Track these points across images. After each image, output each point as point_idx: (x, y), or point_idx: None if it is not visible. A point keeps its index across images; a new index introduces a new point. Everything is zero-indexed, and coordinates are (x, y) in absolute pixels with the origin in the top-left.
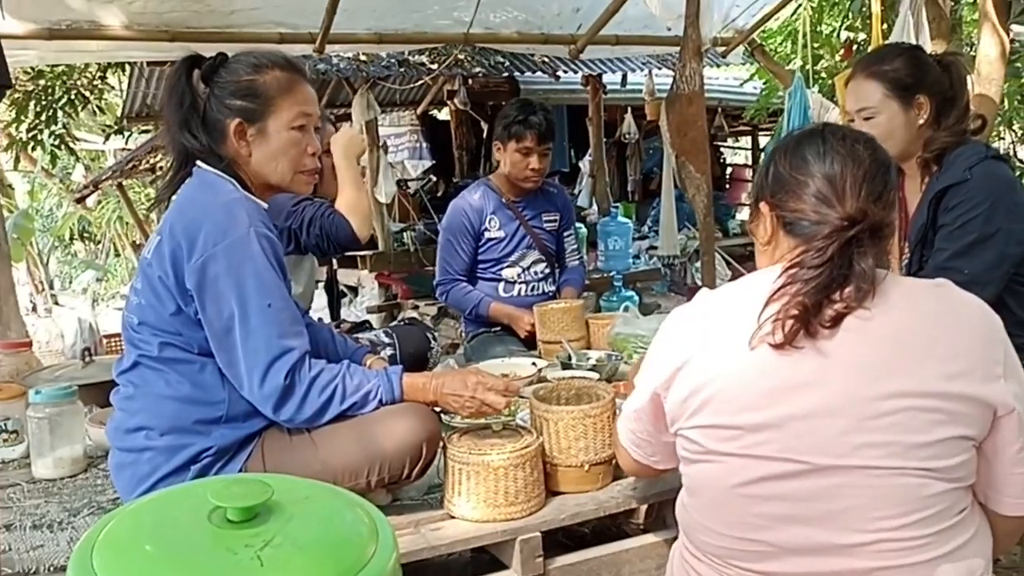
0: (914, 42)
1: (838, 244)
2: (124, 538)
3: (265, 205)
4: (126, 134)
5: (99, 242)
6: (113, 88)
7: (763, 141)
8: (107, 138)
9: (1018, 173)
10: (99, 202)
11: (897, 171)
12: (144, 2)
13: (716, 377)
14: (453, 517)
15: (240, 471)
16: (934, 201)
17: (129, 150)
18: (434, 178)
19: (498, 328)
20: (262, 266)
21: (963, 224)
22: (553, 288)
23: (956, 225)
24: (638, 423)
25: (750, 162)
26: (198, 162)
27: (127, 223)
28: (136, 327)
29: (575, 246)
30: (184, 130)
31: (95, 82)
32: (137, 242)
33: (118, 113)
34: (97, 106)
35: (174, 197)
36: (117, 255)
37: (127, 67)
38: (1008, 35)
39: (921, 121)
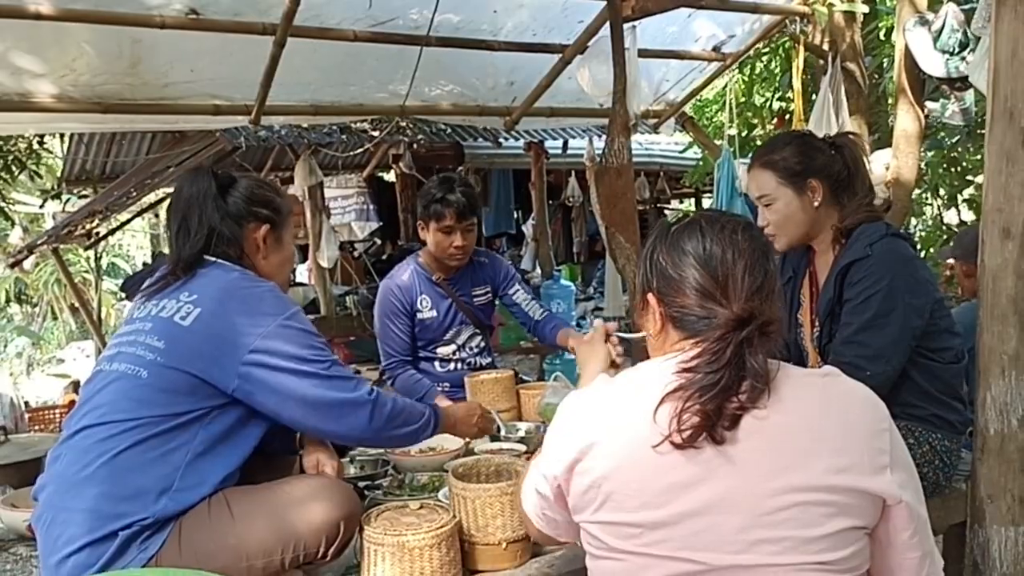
0: (833, 116)
1: (733, 346)
2: None
3: None
4: (64, 198)
5: (36, 305)
6: (51, 152)
7: (707, 203)
8: (44, 203)
9: (944, 238)
10: (37, 264)
11: (807, 249)
12: (76, 75)
13: (615, 472)
14: None
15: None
16: (839, 276)
17: (68, 213)
18: (379, 240)
19: None
20: (315, 334)
21: (866, 299)
22: (489, 360)
23: (859, 300)
24: (544, 502)
25: None
26: (217, 259)
27: (65, 286)
28: (142, 384)
29: (529, 296)
30: (223, 222)
31: (33, 147)
32: (75, 305)
33: (57, 176)
34: (34, 171)
35: (191, 280)
36: (55, 318)
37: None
38: (923, 111)
39: (817, 203)
